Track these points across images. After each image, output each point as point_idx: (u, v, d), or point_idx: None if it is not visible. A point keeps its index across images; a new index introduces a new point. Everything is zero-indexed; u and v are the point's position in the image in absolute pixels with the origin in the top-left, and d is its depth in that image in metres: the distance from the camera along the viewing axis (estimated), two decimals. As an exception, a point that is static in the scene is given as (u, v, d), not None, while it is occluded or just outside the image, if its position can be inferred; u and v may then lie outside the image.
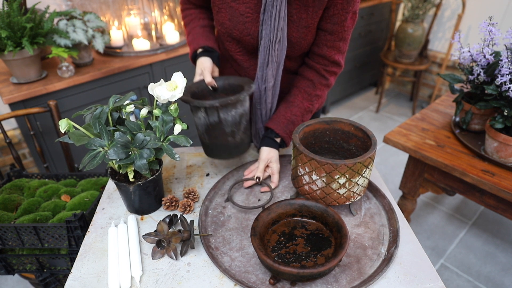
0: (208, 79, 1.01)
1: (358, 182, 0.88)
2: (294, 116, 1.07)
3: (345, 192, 0.88)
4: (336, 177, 0.85)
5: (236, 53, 1.08)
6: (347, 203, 0.92)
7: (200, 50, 1.07)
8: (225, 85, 1.04)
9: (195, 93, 1.02)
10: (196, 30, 1.10)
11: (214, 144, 0.97)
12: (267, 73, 1.03)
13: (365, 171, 0.87)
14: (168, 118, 0.87)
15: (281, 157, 1.18)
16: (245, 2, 0.95)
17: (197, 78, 1.05)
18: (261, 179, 1.04)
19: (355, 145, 0.99)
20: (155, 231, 0.87)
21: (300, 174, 0.91)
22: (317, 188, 0.89)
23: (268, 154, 1.06)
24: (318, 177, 0.86)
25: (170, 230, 0.87)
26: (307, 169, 0.87)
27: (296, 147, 0.89)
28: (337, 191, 0.88)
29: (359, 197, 0.93)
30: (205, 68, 1.02)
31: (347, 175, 0.85)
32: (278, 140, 1.08)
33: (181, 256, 0.84)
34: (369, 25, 3.14)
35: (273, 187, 1.04)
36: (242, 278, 0.79)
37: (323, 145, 1.03)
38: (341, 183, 0.86)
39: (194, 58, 1.09)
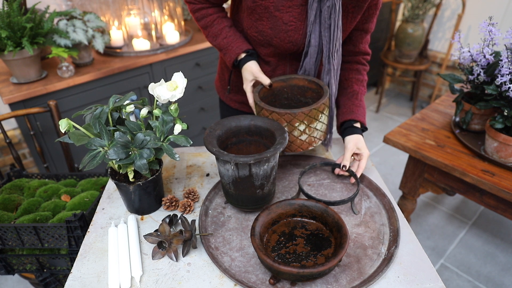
0: (267, 81, 1.03)
1: (317, 127, 0.99)
2: (359, 101, 1.12)
3: (306, 138, 0.99)
4: (296, 124, 0.94)
5: (268, 56, 1.09)
6: (310, 148, 1.02)
7: (243, 54, 1.06)
8: (250, 126, 0.97)
9: (230, 129, 0.96)
10: (227, 32, 1.07)
11: (240, 195, 0.92)
12: (329, 81, 1.06)
13: (321, 116, 0.98)
14: (168, 118, 0.87)
15: (279, 157, 1.18)
16: (288, 11, 0.96)
17: (248, 85, 1.06)
18: (347, 168, 1.03)
19: (311, 97, 1.07)
20: (156, 230, 0.87)
21: None
22: None
23: (356, 142, 1.05)
24: None
25: (172, 231, 0.87)
26: None
27: (257, 104, 0.99)
28: (299, 138, 0.98)
29: (320, 141, 1.03)
30: (258, 71, 1.04)
31: (305, 122, 0.95)
32: (357, 125, 1.09)
33: (183, 256, 0.85)
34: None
35: (360, 172, 1.04)
36: (242, 278, 0.79)
37: (283, 101, 1.11)
38: (302, 130, 0.96)
39: (236, 62, 1.08)
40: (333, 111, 1.11)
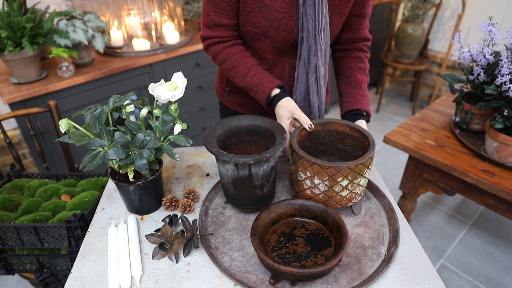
0: (306, 120, 0.96)
1: (360, 183, 0.88)
2: (363, 91, 1.11)
3: (347, 194, 0.88)
4: (339, 179, 0.84)
5: (267, 52, 1.06)
6: (349, 204, 0.92)
7: (277, 90, 1.02)
8: (250, 126, 0.96)
9: (230, 129, 0.95)
10: (256, 69, 1.03)
11: (240, 195, 0.91)
12: (317, 62, 1.04)
13: (366, 171, 0.87)
14: (168, 118, 0.87)
15: (279, 157, 1.18)
16: None
17: (286, 123, 0.99)
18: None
19: (350, 145, 0.99)
20: (157, 230, 0.87)
21: (301, 179, 0.89)
22: (320, 192, 0.88)
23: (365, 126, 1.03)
24: (320, 181, 0.86)
25: (174, 233, 0.87)
26: (308, 174, 0.86)
27: (295, 152, 0.87)
28: (339, 193, 0.87)
29: (360, 197, 0.93)
30: (296, 109, 0.97)
31: (349, 177, 0.84)
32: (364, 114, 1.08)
33: (184, 256, 0.85)
34: (369, 25, 3.14)
35: None
36: (242, 278, 0.79)
37: (318, 146, 1.03)
38: (344, 186, 0.86)
39: (269, 99, 1.03)
40: (323, 97, 1.10)
